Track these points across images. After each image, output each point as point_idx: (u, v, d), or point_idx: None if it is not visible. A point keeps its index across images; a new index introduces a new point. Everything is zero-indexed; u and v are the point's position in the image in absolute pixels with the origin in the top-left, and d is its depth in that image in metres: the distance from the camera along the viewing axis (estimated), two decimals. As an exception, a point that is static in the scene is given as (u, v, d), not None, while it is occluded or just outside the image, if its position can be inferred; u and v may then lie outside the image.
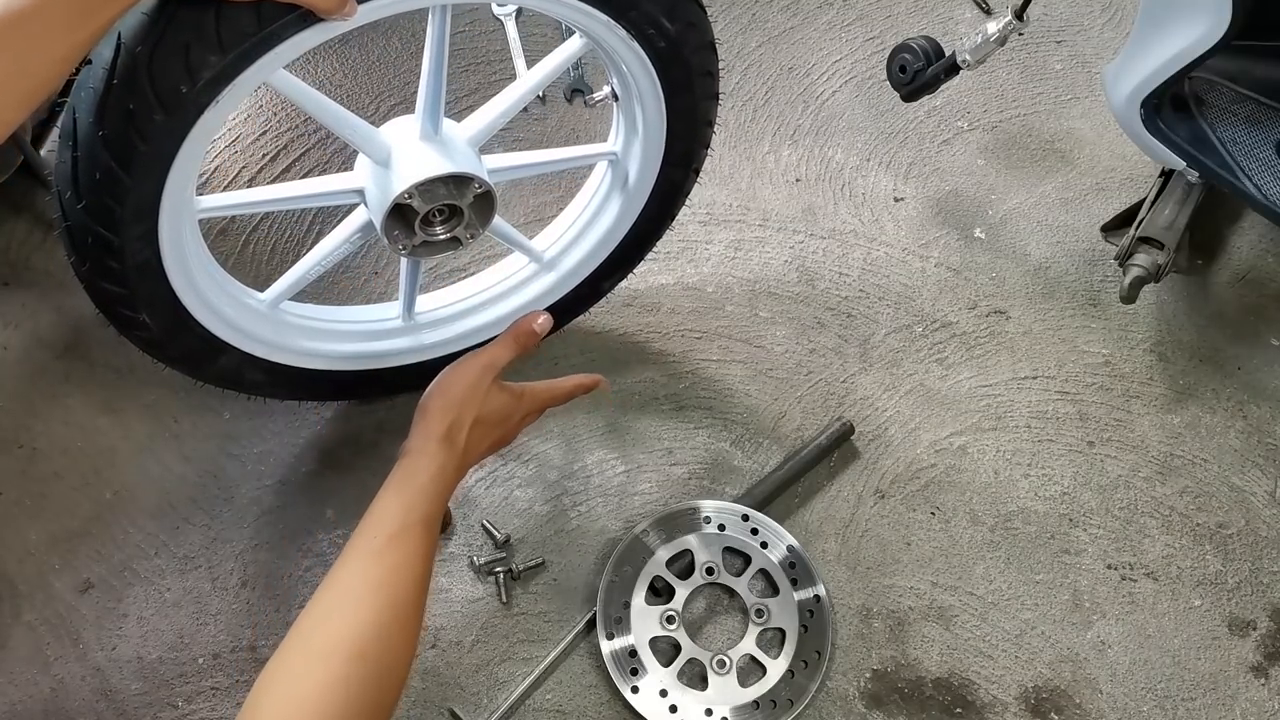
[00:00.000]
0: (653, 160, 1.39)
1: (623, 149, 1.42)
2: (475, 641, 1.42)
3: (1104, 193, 1.81)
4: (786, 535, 1.47)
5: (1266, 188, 1.45)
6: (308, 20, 1.02)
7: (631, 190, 1.44)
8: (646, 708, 1.36)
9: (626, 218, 1.47)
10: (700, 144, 1.39)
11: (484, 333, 1.52)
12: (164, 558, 1.45)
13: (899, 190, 1.81)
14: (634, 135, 1.38)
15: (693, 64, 1.26)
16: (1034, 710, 1.40)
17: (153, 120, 1.03)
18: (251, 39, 1.01)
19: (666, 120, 1.33)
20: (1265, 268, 1.74)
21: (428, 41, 1.18)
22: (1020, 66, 1.95)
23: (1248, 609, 1.47)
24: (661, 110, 1.31)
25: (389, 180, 1.22)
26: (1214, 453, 1.58)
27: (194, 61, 1.01)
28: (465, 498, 1.51)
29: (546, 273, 1.52)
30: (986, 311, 1.70)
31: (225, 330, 1.31)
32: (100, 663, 1.38)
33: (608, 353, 1.63)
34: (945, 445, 1.58)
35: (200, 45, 1.00)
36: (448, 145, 1.24)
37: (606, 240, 1.50)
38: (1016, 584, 1.48)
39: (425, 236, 1.28)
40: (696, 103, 1.32)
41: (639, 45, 1.21)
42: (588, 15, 1.16)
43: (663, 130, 1.34)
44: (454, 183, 1.24)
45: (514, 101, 1.30)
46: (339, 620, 0.97)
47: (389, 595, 1.00)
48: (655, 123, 1.34)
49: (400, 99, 1.85)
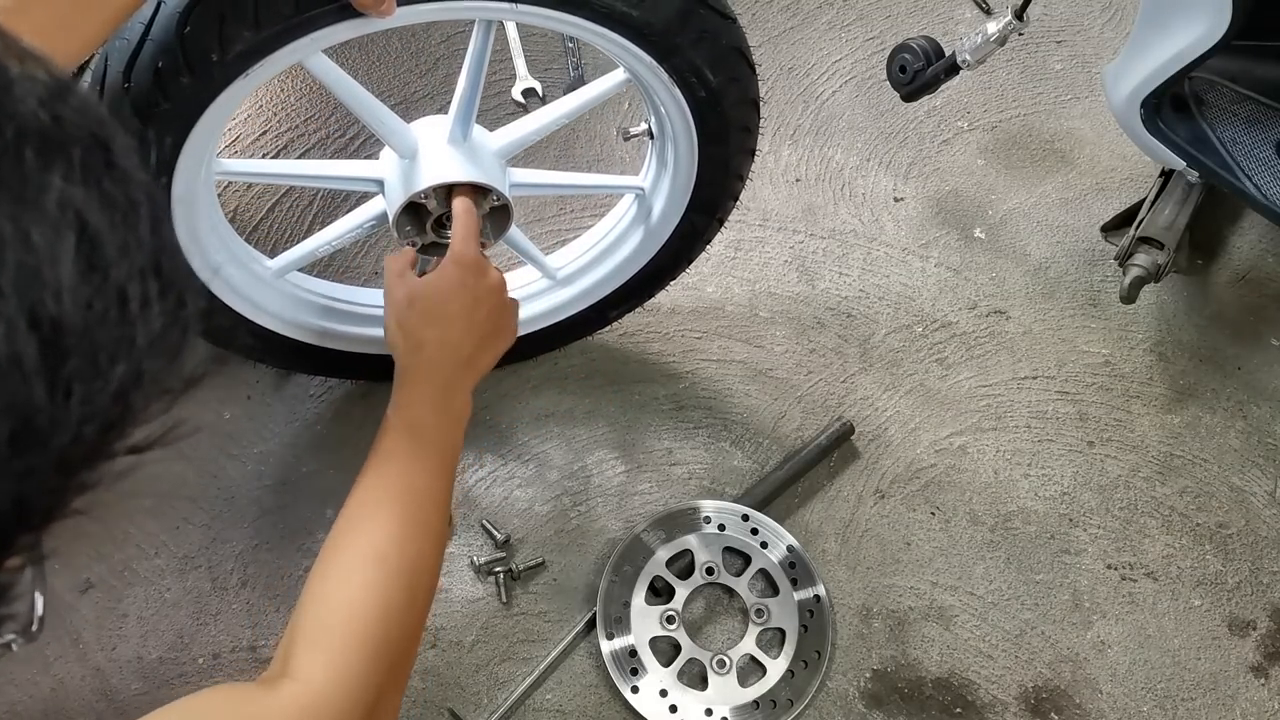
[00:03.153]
0: (678, 202, 1.38)
1: (651, 186, 1.41)
2: (475, 641, 1.42)
3: (1104, 193, 1.81)
4: (786, 535, 1.47)
5: (1266, 188, 1.45)
6: (345, 13, 1.03)
7: (653, 227, 1.43)
8: (646, 708, 1.36)
9: (644, 252, 1.46)
10: (729, 195, 1.38)
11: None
12: (164, 558, 1.45)
13: (899, 190, 1.81)
14: (663, 174, 1.38)
15: (731, 117, 1.25)
16: (1034, 710, 1.40)
17: (178, 81, 1.04)
18: (288, 20, 1.02)
19: (698, 167, 1.32)
20: (1265, 268, 1.74)
21: (470, 51, 1.19)
22: (1020, 66, 1.95)
23: (1248, 609, 1.47)
24: (694, 157, 1.30)
25: (410, 176, 1.23)
26: (1214, 453, 1.58)
27: (227, 33, 1.02)
28: (465, 498, 1.51)
29: (558, 289, 1.52)
30: (986, 311, 1.70)
31: (225, 291, 1.32)
32: (100, 663, 1.38)
33: (607, 353, 1.63)
34: (945, 445, 1.58)
35: (235, 19, 1.02)
36: (475, 153, 1.25)
37: (621, 270, 1.49)
38: (1016, 584, 1.48)
39: (435, 238, 1.28)
40: (730, 155, 1.31)
41: (679, 91, 1.21)
42: (633, 55, 1.17)
43: (692, 176, 1.33)
44: (471, 191, 1.24)
45: (549, 121, 1.31)
46: (356, 531, 1.02)
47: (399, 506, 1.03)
48: (686, 167, 1.33)
49: (410, 94, 1.85)
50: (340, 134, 1.80)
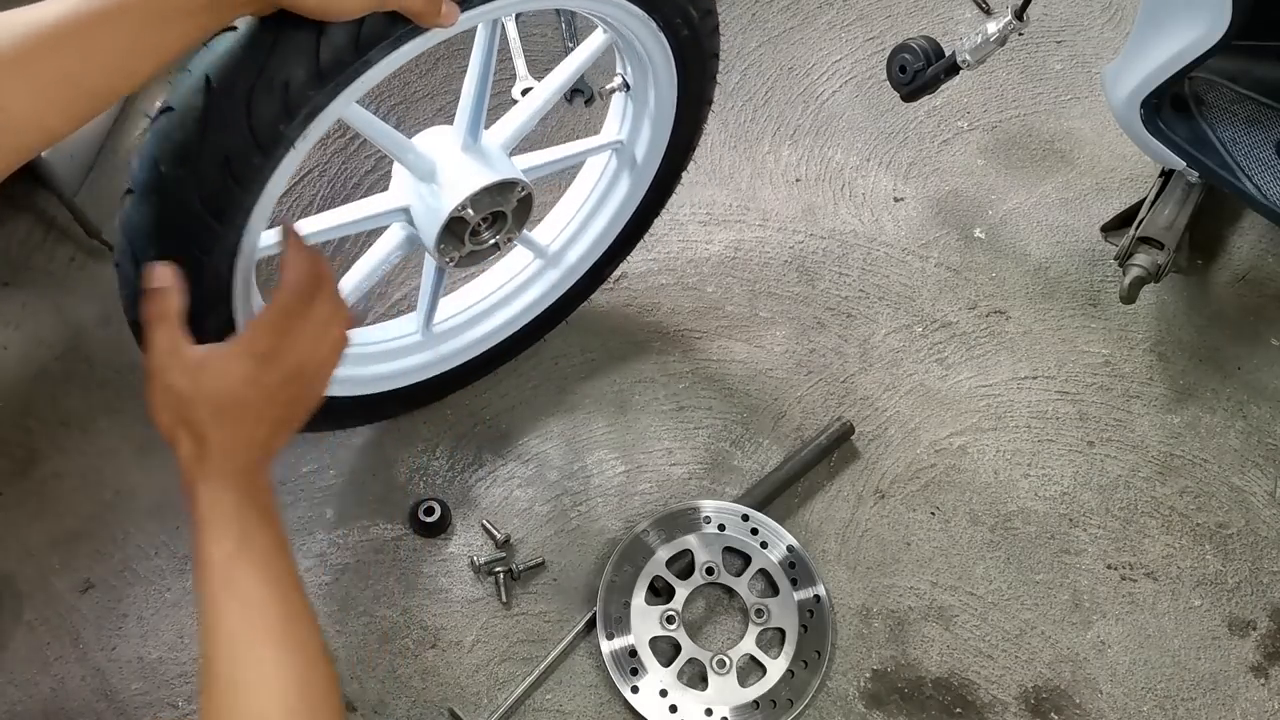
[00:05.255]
0: (659, 144, 1.42)
1: (629, 136, 1.43)
2: (475, 641, 1.41)
3: (1104, 193, 1.81)
4: (786, 535, 1.46)
5: (1266, 188, 1.45)
6: (400, 40, 0.99)
7: (638, 175, 1.46)
8: (646, 708, 1.36)
9: (632, 200, 1.49)
10: (700, 122, 1.43)
11: (493, 338, 1.53)
12: (164, 558, 1.45)
13: (899, 190, 1.81)
14: (642, 122, 1.41)
15: (706, 48, 1.30)
16: (1034, 710, 1.40)
17: (251, 163, 0.98)
18: (349, 66, 0.98)
19: (677, 104, 1.36)
20: (1265, 268, 1.74)
21: (476, 52, 1.18)
22: (1020, 66, 1.95)
23: (1248, 609, 1.47)
24: (674, 95, 1.35)
25: (439, 195, 1.21)
26: (1214, 453, 1.58)
27: (293, 97, 0.97)
28: (465, 497, 1.51)
29: (550, 269, 1.53)
30: (986, 311, 1.70)
31: None
32: (100, 663, 1.38)
33: (607, 352, 1.63)
34: (945, 445, 1.58)
35: (300, 78, 0.96)
36: (487, 154, 1.25)
37: (613, 224, 1.51)
38: (1016, 584, 1.48)
39: (473, 246, 1.28)
40: (704, 84, 1.36)
41: (664, 35, 1.24)
42: (625, 10, 1.19)
43: (672, 113, 1.37)
44: (499, 189, 1.24)
45: (541, 104, 1.31)
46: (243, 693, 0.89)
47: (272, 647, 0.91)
48: (666, 107, 1.37)
49: (410, 94, 1.84)
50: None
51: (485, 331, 1.52)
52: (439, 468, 1.53)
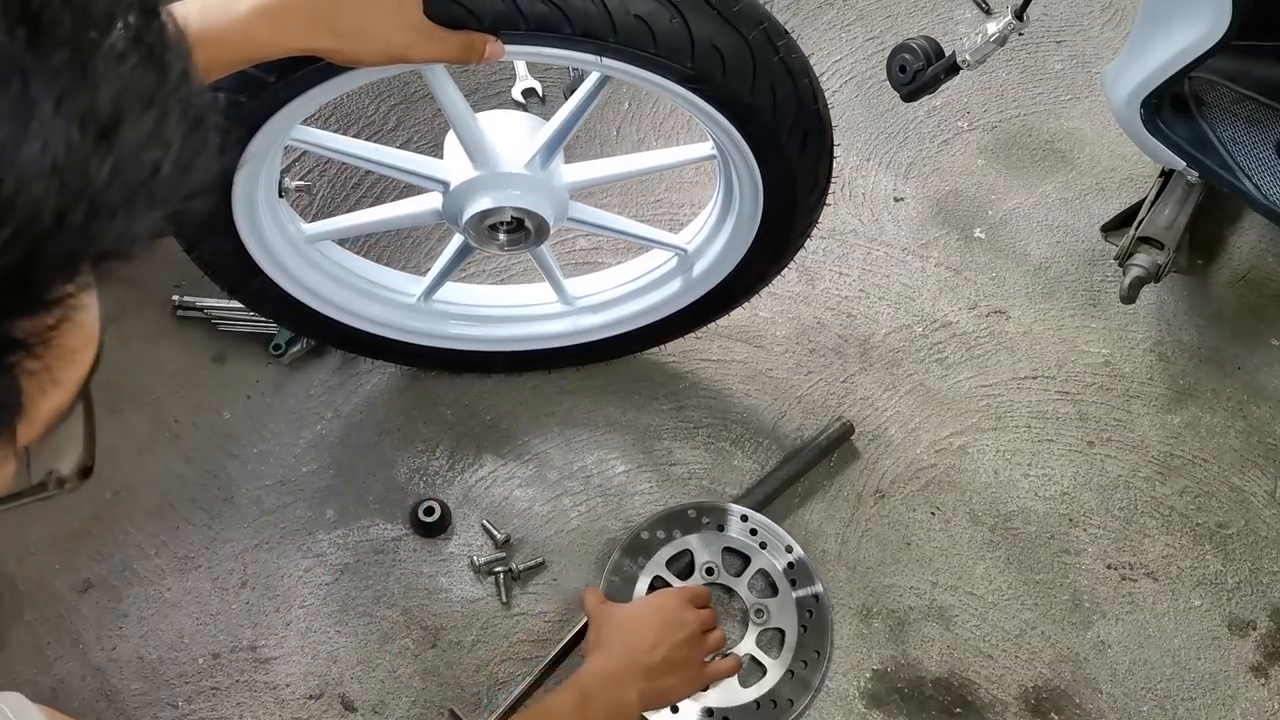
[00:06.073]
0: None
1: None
2: (475, 641, 1.42)
3: (1104, 193, 1.81)
4: (786, 535, 1.46)
5: (1266, 188, 1.45)
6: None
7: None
8: (646, 708, 1.36)
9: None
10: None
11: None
12: (164, 558, 1.45)
13: (899, 190, 1.81)
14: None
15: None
16: (1034, 710, 1.40)
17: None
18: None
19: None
20: (1265, 268, 1.74)
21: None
22: (1020, 66, 1.95)
23: (1248, 609, 1.47)
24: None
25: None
26: (1214, 453, 1.58)
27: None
28: (465, 498, 1.51)
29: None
30: (986, 311, 1.70)
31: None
32: (100, 663, 1.38)
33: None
34: (945, 445, 1.58)
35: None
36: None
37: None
38: (1016, 584, 1.48)
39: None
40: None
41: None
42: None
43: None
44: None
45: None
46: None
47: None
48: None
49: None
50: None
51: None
52: (439, 468, 1.53)
